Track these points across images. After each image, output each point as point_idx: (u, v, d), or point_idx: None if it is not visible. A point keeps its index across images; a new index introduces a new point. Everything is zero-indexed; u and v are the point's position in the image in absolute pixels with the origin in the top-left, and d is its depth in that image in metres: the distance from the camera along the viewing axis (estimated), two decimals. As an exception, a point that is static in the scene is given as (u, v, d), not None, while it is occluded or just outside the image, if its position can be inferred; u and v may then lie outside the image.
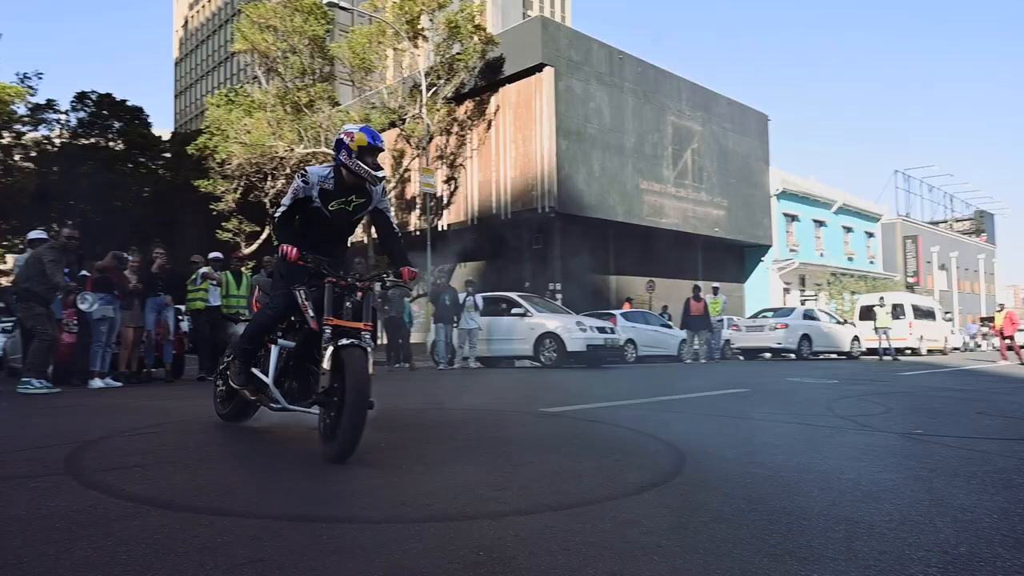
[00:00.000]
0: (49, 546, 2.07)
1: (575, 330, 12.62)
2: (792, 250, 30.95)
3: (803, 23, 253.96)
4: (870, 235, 37.43)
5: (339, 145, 3.62)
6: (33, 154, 24.47)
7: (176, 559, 1.97)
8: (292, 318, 3.70)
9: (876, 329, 18.43)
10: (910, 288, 36.79)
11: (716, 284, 18.46)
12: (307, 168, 3.76)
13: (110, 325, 8.26)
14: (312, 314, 3.46)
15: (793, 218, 31.43)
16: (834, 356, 19.77)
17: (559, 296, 21.30)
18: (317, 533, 2.23)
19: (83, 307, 7.19)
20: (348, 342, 3.30)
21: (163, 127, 42.91)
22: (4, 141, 22.66)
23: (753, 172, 29.37)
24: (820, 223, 33.25)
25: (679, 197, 25.65)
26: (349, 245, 4.28)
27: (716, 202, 27.21)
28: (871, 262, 36.96)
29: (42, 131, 24.32)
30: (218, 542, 2.12)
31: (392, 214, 4.08)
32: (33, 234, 8.64)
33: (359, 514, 2.49)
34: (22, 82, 21.46)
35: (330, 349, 3.29)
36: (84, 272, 8.63)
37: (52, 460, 3.29)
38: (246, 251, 22.51)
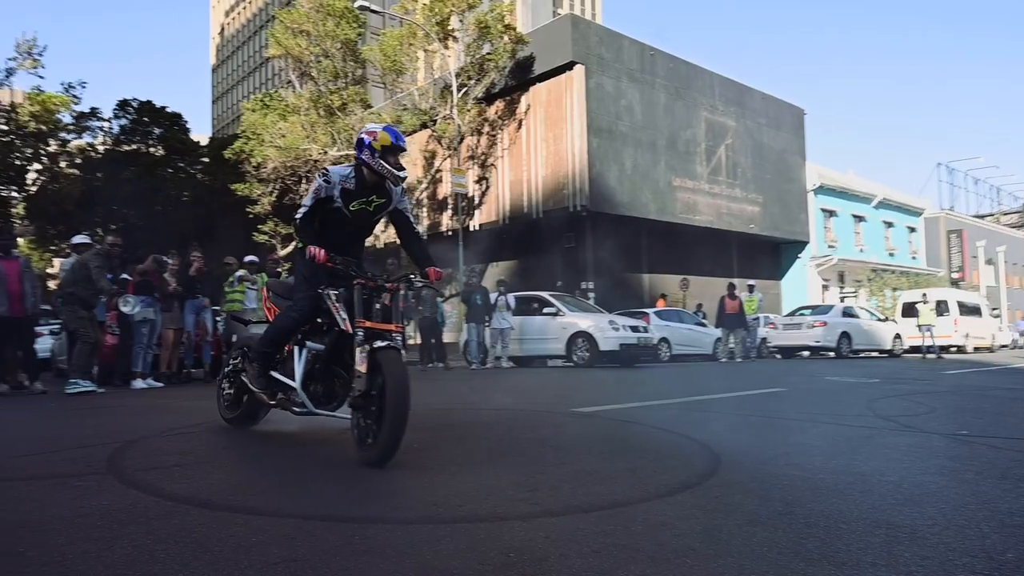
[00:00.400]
0: (91, 544, 2.12)
1: (608, 329, 12.54)
2: (830, 246, 30.30)
3: (839, 15, 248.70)
4: (912, 230, 36.45)
5: (361, 144, 3.59)
6: (78, 161, 25.19)
7: (212, 557, 2.00)
8: (318, 320, 3.65)
9: (919, 326, 17.93)
10: (955, 284, 35.72)
11: (752, 282, 18.17)
12: (328, 168, 3.71)
13: (151, 327, 8.47)
14: (344, 316, 3.41)
15: (831, 213, 30.77)
16: (875, 354, 19.31)
17: (591, 295, 21.19)
18: (349, 533, 2.25)
19: (125, 309, 7.39)
20: (384, 344, 3.27)
21: (201, 132, 43.98)
22: (51, 149, 23.36)
23: (789, 167, 28.84)
24: (859, 218, 32.48)
25: (713, 194, 25.31)
26: (383, 246, 4.30)
27: (751, 198, 26.78)
28: (914, 257, 35.98)
29: (86, 138, 25.05)
30: (253, 541, 2.15)
31: (412, 214, 4.04)
32: (77, 239, 8.90)
33: (390, 515, 2.50)
34: (67, 91, 22.13)
35: (364, 352, 3.26)
36: (125, 276, 8.85)
37: (95, 459, 3.38)
38: (281, 253, 22.88)
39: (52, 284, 22.99)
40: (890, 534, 2.21)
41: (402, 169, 3.66)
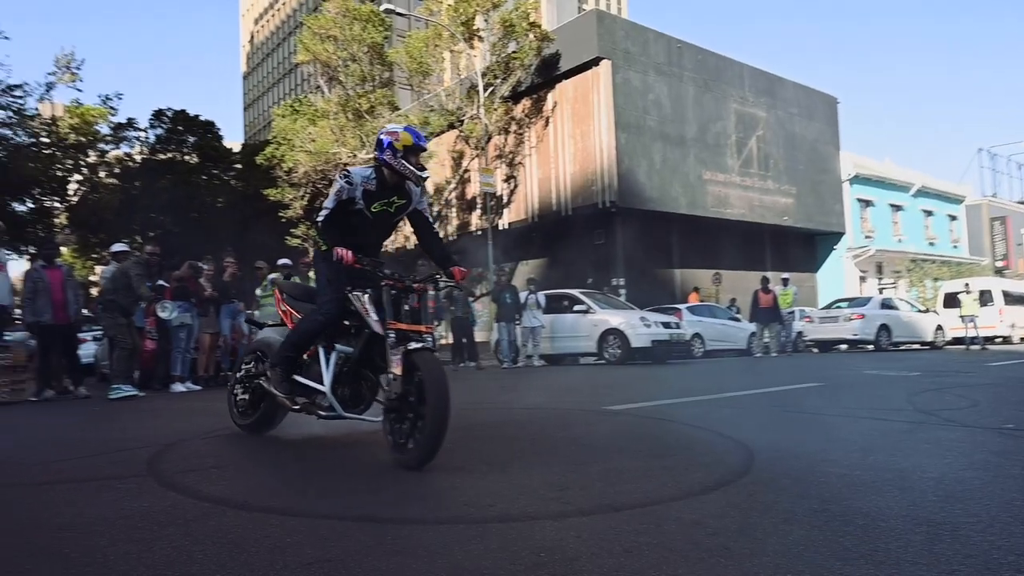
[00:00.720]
0: (132, 545, 2.17)
1: (639, 326, 12.44)
2: (867, 236, 29.63)
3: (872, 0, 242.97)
4: (953, 218, 35.45)
5: (381, 145, 3.54)
6: (116, 171, 25.85)
7: (248, 558, 2.03)
8: (345, 323, 3.58)
9: (962, 317, 17.43)
10: (999, 273, 34.61)
11: (786, 275, 17.87)
12: (349, 169, 3.66)
13: (188, 332, 8.67)
14: (376, 318, 3.36)
15: (868, 203, 30.09)
16: (916, 347, 18.84)
17: (622, 291, 21.05)
18: (382, 533, 2.27)
19: (163, 315, 7.57)
20: (419, 346, 3.22)
21: (234, 139, 44.71)
22: (90, 160, 24.03)
23: (823, 157, 28.29)
24: (897, 207, 31.70)
25: (745, 186, 24.95)
26: (413, 247, 4.28)
27: (784, 190, 26.33)
28: (955, 246, 35.00)
29: (124, 148, 25.68)
30: (287, 542, 2.18)
31: (431, 215, 3.99)
32: (116, 247, 9.13)
33: (422, 515, 2.51)
34: (104, 103, 22.72)
35: (399, 354, 3.21)
36: (161, 282, 9.06)
37: (136, 462, 3.46)
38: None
39: (95, 291, 23.64)
40: (931, 532, 2.15)
41: (423, 169, 3.63)
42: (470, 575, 1.88)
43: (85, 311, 9.50)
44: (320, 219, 3.54)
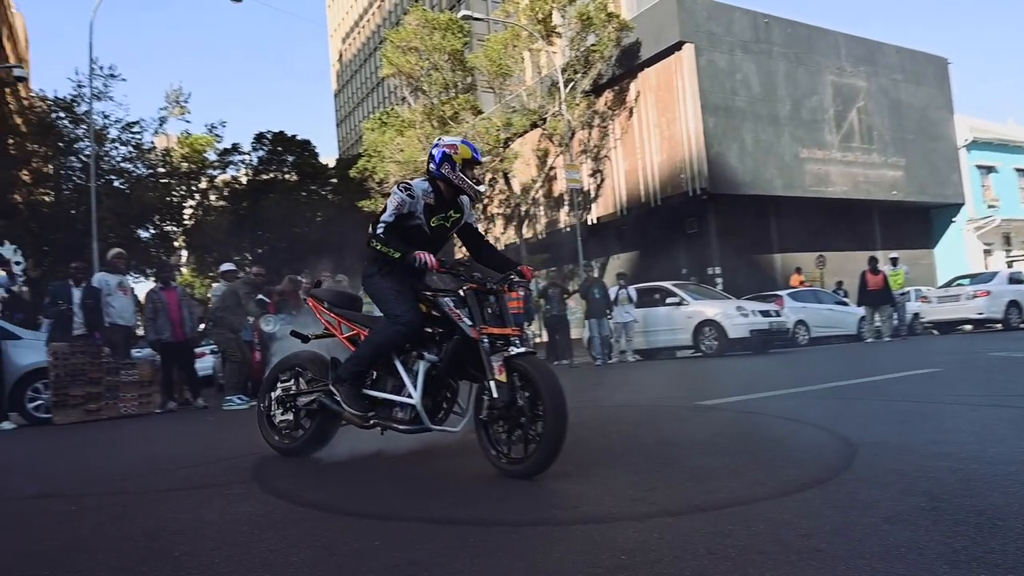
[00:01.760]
0: (235, 548, 2.31)
1: (736, 316, 12.03)
2: (991, 206, 27.27)
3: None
4: (1090, 179, 32.06)
5: (440, 158, 3.44)
6: (225, 193, 27.63)
7: (338, 560, 2.12)
8: (427, 330, 3.42)
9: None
10: None
11: (895, 254, 16.73)
12: (409, 181, 3.53)
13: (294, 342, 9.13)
14: (469, 323, 3.22)
15: (989, 170, 27.70)
16: (1053, 323, 17.16)
17: (719, 280, 20.43)
18: (466, 536, 2.30)
19: (267, 328, 8.00)
20: (523, 350, 3.12)
21: (329, 155, 46.71)
22: (202, 185, 25.83)
23: (934, 124, 26.31)
24: (1024, 172, 29.03)
25: (847, 162, 23.60)
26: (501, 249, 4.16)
27: (891, 162, 24.71)
28: (1095, 210, 31.65)
29: (230, 172, 27.42)
30: (377, 545, 2.25)
31: (478, 226, 3.89)
32: (225, 267, 9.76)
33: (507, 517, 2.53)
34: (210, 131, 24.39)
35: (501, 359, 3.08)
36: (261, 297, 9.58)
37: (243, 469, 3.68)
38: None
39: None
40: (1056, 532, 1.95)
41: (479, 183, 3.57)
42: (551, 577, 1.88)
43: (201, 326, 10.19)
44: (379, 232, 3.38)
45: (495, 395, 3.07)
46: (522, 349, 3.13)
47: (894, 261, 15.78)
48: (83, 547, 2.43)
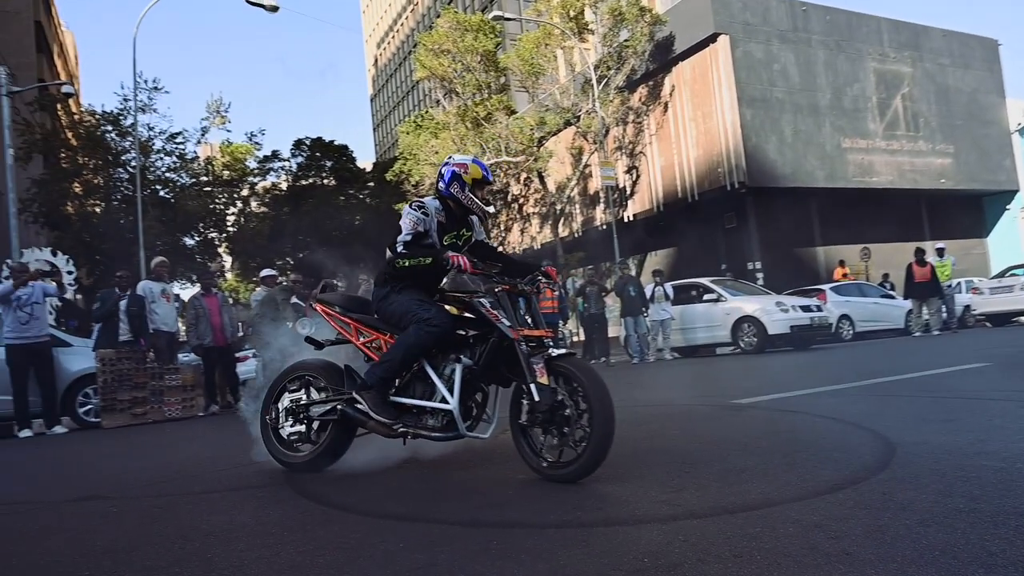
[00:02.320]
0: (264, 550, 2.36)
1: (775, 311, 11.78)
2: (1047, 192, 26.21)
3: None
4: None
5: (449, 177, 3.40)
6: (266, 200, 28.20)
7: (363, 563, 2.15)
8: (460, 332, 3.31)
9: None
10: None
11: (941, 244, 16.17)
12: (423, 200, 3.49)
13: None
14: (508, 323, 3.12)
15: (1044, 154, 26.60)
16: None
17: (760, 275, 20.06)
18: (488, 538, 2.31)
19: (303, 331, 8.13)
20: (564, 351, 3.07)
21: (366, 159, 47.28)
22: (243, 193, 26.42)
23: (984, 108, 25.37)
24: (1083, 155, 27.78)
25: (891, 151, 22.94)
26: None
27: (939, 149, 23.92)
28: None
29: (271, 178, 27.99)
30: (400, 547, 2.27)
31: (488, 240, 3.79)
32: (265, 272, 9.97)
33: (531, 519, 2.52)
34: (250, 140, 24.91)
35: (541, 361, 3.01)
36: (297, 301, 9.75)
37: (277, 471, 3.75)
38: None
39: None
40: (1103, 536, 1.87)
41: (489, 204, 3.51)
42: (570, 581, 1.87)
43: (240, 333, 10.43)
44: (400, 248, 3.35)
45: (537, 398, 2.96)
46: (563, 350, 3.08)
47: (940, 252, 15.26)
48: (121, 548, 2.50)
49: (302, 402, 3.64)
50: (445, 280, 3.32)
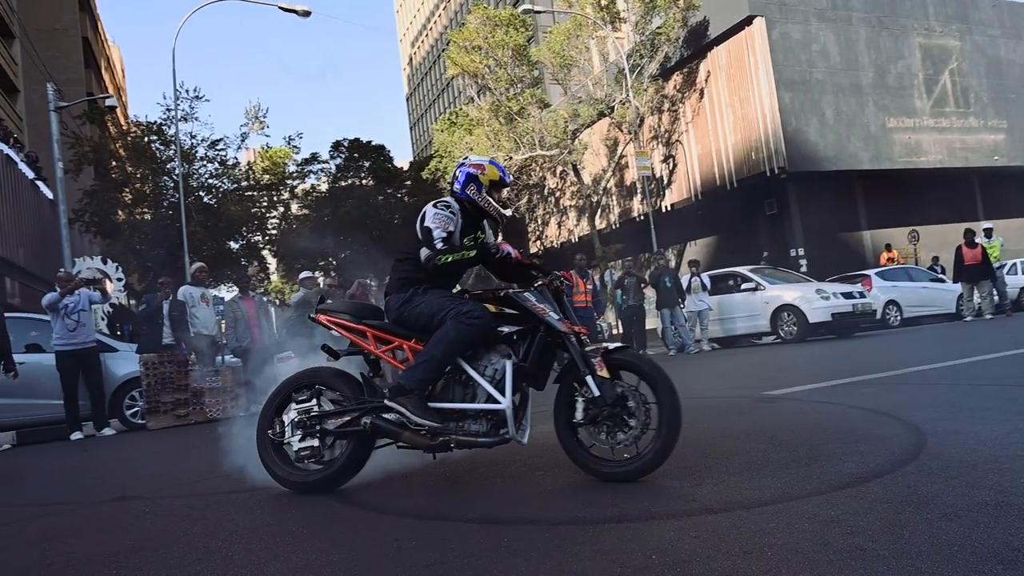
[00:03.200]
0: (283, 548, 2.41)
1: (815, 299, 11.47)
2: (1111, 165, 24.89)
3: None
4: None
5: (464, 179, 3.29)
6: (309, 200, 28.69)
7: (376, 561, 2.18)
8: (503, 329, 3.15)
9: None
10: None
11: (988, 224, 15.52)
12: (448, 199, 3.35)
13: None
14: (557, 317, 3.02)
15: (1107, 126, 25.26)
16: None
17: (803, 262, 19.59)
18: (500, 536, 2.31)
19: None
20: (621, 345, 3.04)
21: (404, 158, 47.64)
22: (284, 196, 26.93)
23: (1039, 80, 24.23)
24: None
25: (940, 128, 22.10)
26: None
27: (991, 125, 22.95)
28: None
29: (311, 181, 28.45)
30: (412, 545, 2.29)
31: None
32: (304, 275, 10.16)
33: (544, 516, 2.52)
34: (288, 144, 25.38)
35: (599, 355, 2.91)
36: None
37: (305, 470, 3.81)
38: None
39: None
40: None
41: (507, 207, 3.39)
42: (574, 577, 1.86)
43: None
44: (440, 246, 3.11)
45: (598, 393, 2.85)
46: (619, 344, 3.04)
47: (988, 232, 14.65)
48: (149, 547, 2.59)
49: (314, 414, 3.22)
50: (469, 280, 3.27)
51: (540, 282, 3.16)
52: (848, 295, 11.66)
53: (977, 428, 3.16)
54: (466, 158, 3.46)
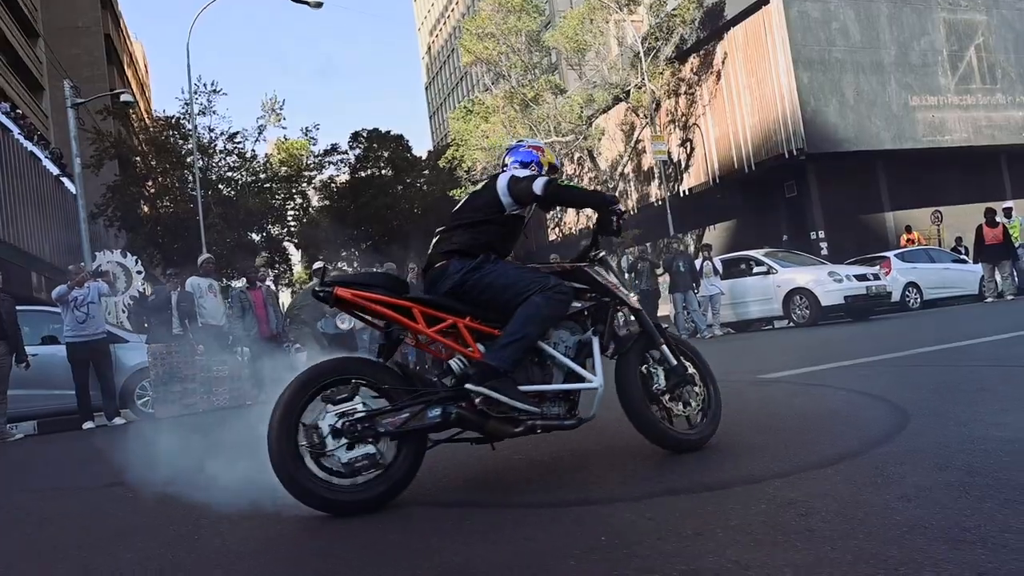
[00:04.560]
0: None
1: (828, 282, 11.30)
2: None
3: None
4: None
5: (525, 154, 3.18)
6: (332, 190, 28.88)
7: (328, 539, 2.20)
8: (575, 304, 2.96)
9: None
10: None
11: (1008, 203, 15.15)
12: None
13: (371, 335, 9.47)
14: (627, 293, 3.00)
15: None
16: None
17: (823, 245, 19.29)
18: (461, 518, 2.33)
19: (343, 326, 8.35)
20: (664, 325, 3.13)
21: (423, 147, 47.77)
22: (302, 187, 27.11)
23: (1070, 54, 23.47)
24: None
25: (965, 106, 21.53)
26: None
27: (1019, 101, 22.31)
28: None
29: (330, 172, 28.60)
30: (377, 526, 2.32)
31: None
32: (317, 265, 10.25)
33: (511, 499, 2.53)
34: (305, 135, 25.49)
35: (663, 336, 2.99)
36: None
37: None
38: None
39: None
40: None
41: None
42: (527, 558, 1.86)
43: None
44: (547, 183, 2.89)
45: (675, 362, 2.93)
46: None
47: (1008, 212, 14.30)
48: (129, 532, 2.64)
49: (360, 414, 2.54)
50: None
51: (601, 254, 3.08)
52: (862, 277, 11.46)
53: (962, 409, 3.11)
54: (524, 139, 3.37)
